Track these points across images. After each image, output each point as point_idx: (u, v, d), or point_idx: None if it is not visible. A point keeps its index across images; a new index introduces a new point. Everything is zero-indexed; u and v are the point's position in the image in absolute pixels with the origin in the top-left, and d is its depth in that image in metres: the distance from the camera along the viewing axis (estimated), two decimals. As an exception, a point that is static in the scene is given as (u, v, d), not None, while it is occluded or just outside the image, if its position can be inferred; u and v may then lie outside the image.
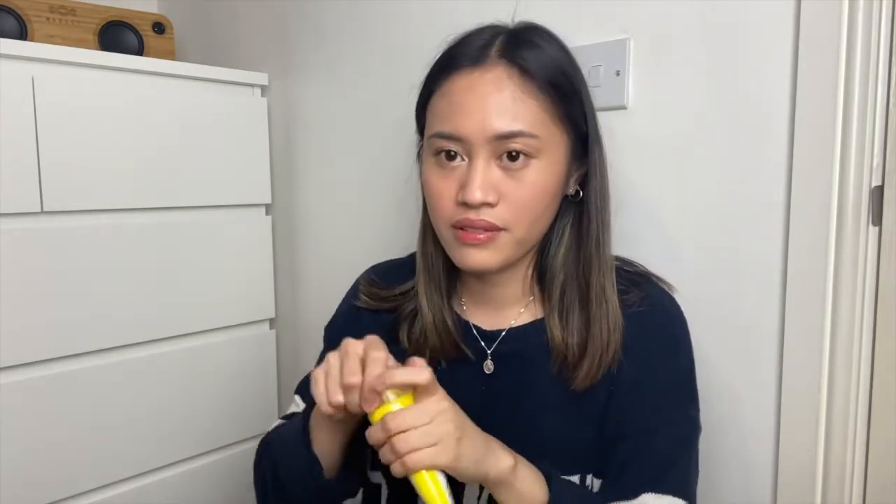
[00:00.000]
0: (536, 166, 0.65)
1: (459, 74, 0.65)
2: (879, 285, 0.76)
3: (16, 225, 1.06)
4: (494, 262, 0.68)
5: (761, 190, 0.80)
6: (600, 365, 0.68)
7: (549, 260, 0.73)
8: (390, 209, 1.22)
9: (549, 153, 0.66)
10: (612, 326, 0.69)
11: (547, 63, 0.65)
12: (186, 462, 1.30)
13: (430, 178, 0.69)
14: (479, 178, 0.64)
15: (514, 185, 0.65)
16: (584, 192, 0.71)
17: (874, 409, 0.78)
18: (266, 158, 1.38)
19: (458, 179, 0.66)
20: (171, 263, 1.24)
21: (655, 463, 0.68)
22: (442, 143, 0.66)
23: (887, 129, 0.74)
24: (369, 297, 0.82)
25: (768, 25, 0.77)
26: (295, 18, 1.35)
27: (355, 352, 0.60)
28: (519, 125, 0.63)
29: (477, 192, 0.64)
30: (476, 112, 0.63)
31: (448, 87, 0.66)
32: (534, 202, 0.66)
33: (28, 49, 1.06)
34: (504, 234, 0.66)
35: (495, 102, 0.63)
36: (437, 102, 0.67)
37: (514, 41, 0.65)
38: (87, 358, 1.15)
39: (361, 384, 0.58)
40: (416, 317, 0.77)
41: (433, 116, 0.68)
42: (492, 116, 0.63)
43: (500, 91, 0.63)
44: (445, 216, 0.68)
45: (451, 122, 0.65)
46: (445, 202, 0.67)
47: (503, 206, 0.65)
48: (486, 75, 0.64)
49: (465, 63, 0.65)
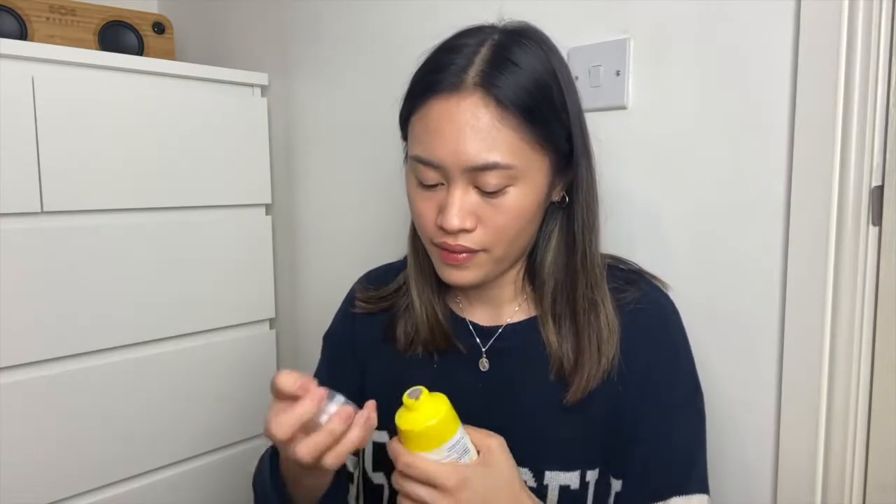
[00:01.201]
0: (514, 192, 0.64)
1: (437, 100, 0.63)
2: (879, 285, 0.76)
3: (16, 225, 1.06)
4: (475, 279, 0.69)
5: (761, 190, 0.80)
6: (592, 378, 0.69)
7: (537, 265, 0.73)
8: (390, 209, 1.22)
9: (527, 178, 0.65)
10: (604, 336, 0.69)
11: (526, 86, 0.62)
12: (186, 462, 1.30)
13: (413, 196, 0.69)
14: (455, 205, 0.64)
15: (492, 211, 0.65)
16: (570, 199, 0.71)
17: (874, 409, 0.78)
18: (266, 158, 1.38)
19: (437, 202, 0.66)
20: (171, 263, 1.24)
21: (678, 464, 0.70)
22: (420, 168, 0.66)
23: (887, 129, 0.74)
24: (366, 301, 0.82)
25: (768, 25, 0.77)
26: (294, 18, 1.35)
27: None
28: (495, 156, 0.62)
29: (454, 219, 0.64)
30: (451, 141, 0.62)
31: (426, 111, 0.64)
32: (512, 225, 0.66)
33: (28, 49, 1.06)
34: (482, 254, 0.67)
35: (471, 132, 0.62)
36: (416, 124, 0.66)
37: (494, 62, 0.63)
38: (87, 358, 1.15)
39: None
40: (410, 310, 0.77)
41: (413, 137, 0.67)
42: (467, 147, 0.62)
43: (476, 119, 0.62)
44: (427, 235, 0.69)
45: (429, 148, 0.64)
46: (427, 222, 0.68)
47: (481, 231, 0.65)
48: (462, 103, 0.62)
49: (442, 89, 0.63)
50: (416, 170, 0.67)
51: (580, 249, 0.70)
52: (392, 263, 0.87)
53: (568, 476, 0.71)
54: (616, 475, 0.72)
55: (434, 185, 0.66)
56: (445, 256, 0.67)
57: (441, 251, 0.68)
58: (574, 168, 0.69)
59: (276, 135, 1.42)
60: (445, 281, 0.71)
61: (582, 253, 0.70)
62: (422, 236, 0.71)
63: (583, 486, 0.71)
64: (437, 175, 0.65)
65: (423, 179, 0.66)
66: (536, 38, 0.67)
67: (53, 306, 1.10)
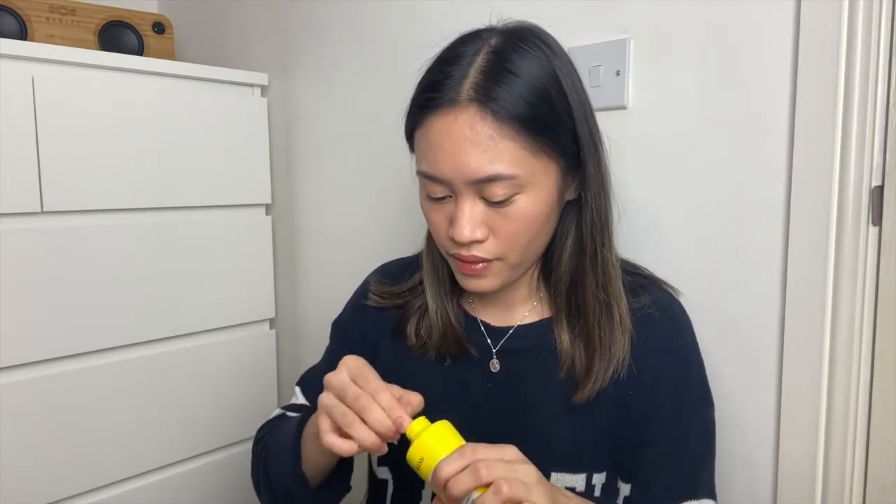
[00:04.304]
0: (523, 200, 0.64)
1: (436, 116, 0.63)
2: (879, 285, 0.76)
3: (16, 225, 1.06)
4: (494, 286, 0.69)
5: (761, 190, 0.80)
6: (602, 379, 0.69)
7: (553, 264, 0.73)
8: (390, 209, 1.22)
9: (534, 184, 0.64)
10: (616, 337, 0.69)
11: (524, 96, 0.61)
12: (186, 462, 1.30)
13: (426, 208, 0.69)
14: (465, 217, 0.64)
15: (502, 220, 0.64)
16: (583, 198, 0.70)
17: (874, 409, 0.78)
18: (266, 158, 1.38)
19: (447, 214, 0.66)
20: (172, 263, 1.24)
21: (688, 469, 0.71)
22: (428, 183, 0.66)
23: (887, 129, 0.74)
24: (380, 295, 0.82)
25: (768, 25, 0.77)
26: (295, 18, 1.35)
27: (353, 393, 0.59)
28: (496, 168, 0.61)
29: (464, 231, 0.64)
30: (452, 156, 0.62)
31: (426, 128, 0.64)
32: (524, 232, 0.66)
33: (28, 49, 1.06)
34: (498, 262, 0.67)
35: (470, 146, 0.61)
36: (419, 140, 0.66)
37: (490, 73, 0.61)
38: (87, 358, 1.15)
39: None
40: (424, 312, 0.77)
41: (418, 152, 0.67)
42: (468, 160, 0.61)
43: (474, 133, 0.61)
44: (443, 246, 0.70)
45: (432, 163, 0.64)
46: (441, 234, 0.68)
47: (493, 240, 0.65)
48: (460, 118, 0.61)
49: (439, 105, 0.62)
50: (423, 184, 0.67)
51: (589, 248, 0.70)
52: (406, 259, 0.86)
53: (574, 478, 0.71)
54: (625, 479, 0.72)
55: (443, 198, 0.66)
56: (462, 267, 0.68)
57: (457, 261, 0.68)
58: (583, 167, 0.68)
59: (276, 135, 1.42)
60: (466, 289, 0.72)
61: (592, 252, 0.70)
62: (440, 248, 0.72)
63: (589, 489, 0.71)
64: (445, 188, 0.65)
65: (431, 193, 0.66)
66: (537, 39, 0.65)
67: (53, 306, 1.10)
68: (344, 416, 0.58)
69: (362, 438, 0.57)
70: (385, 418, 0.57)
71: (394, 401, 0.58)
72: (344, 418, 0.58)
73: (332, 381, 0.61)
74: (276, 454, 0.73)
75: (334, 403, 0.59)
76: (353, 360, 0.62)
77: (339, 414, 0.59)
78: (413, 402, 0.60)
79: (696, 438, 0.73)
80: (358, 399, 0.58)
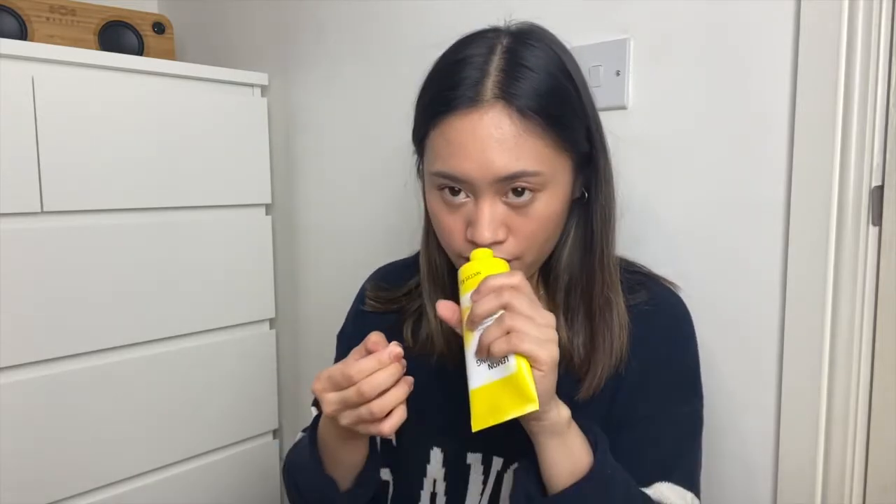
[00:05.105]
0: (543, 198, 0.64)
1: (457, 116, 0.62)
2: (879, 285, 0.76)
3: (16, 225, 1.06)
4: None
5: (761, 190, 0.80)
6: (604, 375, 0.69)
7: (553, 261, 0.73)
8: (390, 209, 1.22)
9: (554, 182, 0.64)
10: (616, 334, 0.69)
11: (544, 91, 0.62)
12: (186, 462, 1.30)
13: (437, 212, 0.68)
14: (486, 218, 0.63)
15: (523, 220, 0.64)
16: (588, 195, 0.70)
17: (874, 409, 0.78)
18: (266, 158, 1.38)
19: (464, 216, 0.65)
20: (171, 263, 1.24)
21: (665, 453, 0.70)
22: (445, 182, 0.65)
23: (887, 129, 0.74)
24: (376, 300, 0.82)
25: (768, 25, 0.77)
26: (295, 18, 1.35)
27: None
28: (522, 165, 0.61)
29: (486, 232, 0.63)
30: (477, 155, 0.62)
31: (446, 127, 0.63)
32: (542, 231, 0.66)
33: (28, 49, 1.06)
34: (515, 262, 0.67)
35: (496, 144, 0.61)
36: (436, 140, 0.65)
37: (509, 70, 0.62)
38: (87, 358, 1.15)
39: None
40: (421, 315, 0.77)
41: (433, 153, 0.66)
42: (494, 159, 0.61)
43: (500, 132, 0.61)
44: (456, 250, 0.68)
45: (453, 163, 0.63)
46: (456, 238, 0.67)
47: (512, 241, 0.65)
48: (485, 117, 0.61)
49: (460, 105, 0.62)
50: (437, 185, 0.66)
51: (598, 246, 0.70)
52: (404, 260, 0.86)
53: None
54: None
55: (459, 200, 0.65)
56: None
57: None
58: (593, 164, 0.69)
59: (276, 135, 1.42)
60: None
61: (600, 250, 0.70)
62: (450, 254, 0.70)
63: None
64: (463, 189, 0.64)
65: (447, 195, 0.65)
66: (545, 38, 0.66)
67: (53, 306, 1.10)
68: (360, 417, 0.60)
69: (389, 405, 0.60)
70: (386, 383, 0.59)
71: (370, 361, 0.60)
72: (362, 416, 0.60)
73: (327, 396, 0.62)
74: (302, 472, 0.74)
75: (344, 411, 0.61)
76: (317, 381, 0.63)
77: (356, 416, 0.60)
78: (372, 339, 0.62)
79: (678, 424, 0.71)
80: (359, 396, 0.59)
